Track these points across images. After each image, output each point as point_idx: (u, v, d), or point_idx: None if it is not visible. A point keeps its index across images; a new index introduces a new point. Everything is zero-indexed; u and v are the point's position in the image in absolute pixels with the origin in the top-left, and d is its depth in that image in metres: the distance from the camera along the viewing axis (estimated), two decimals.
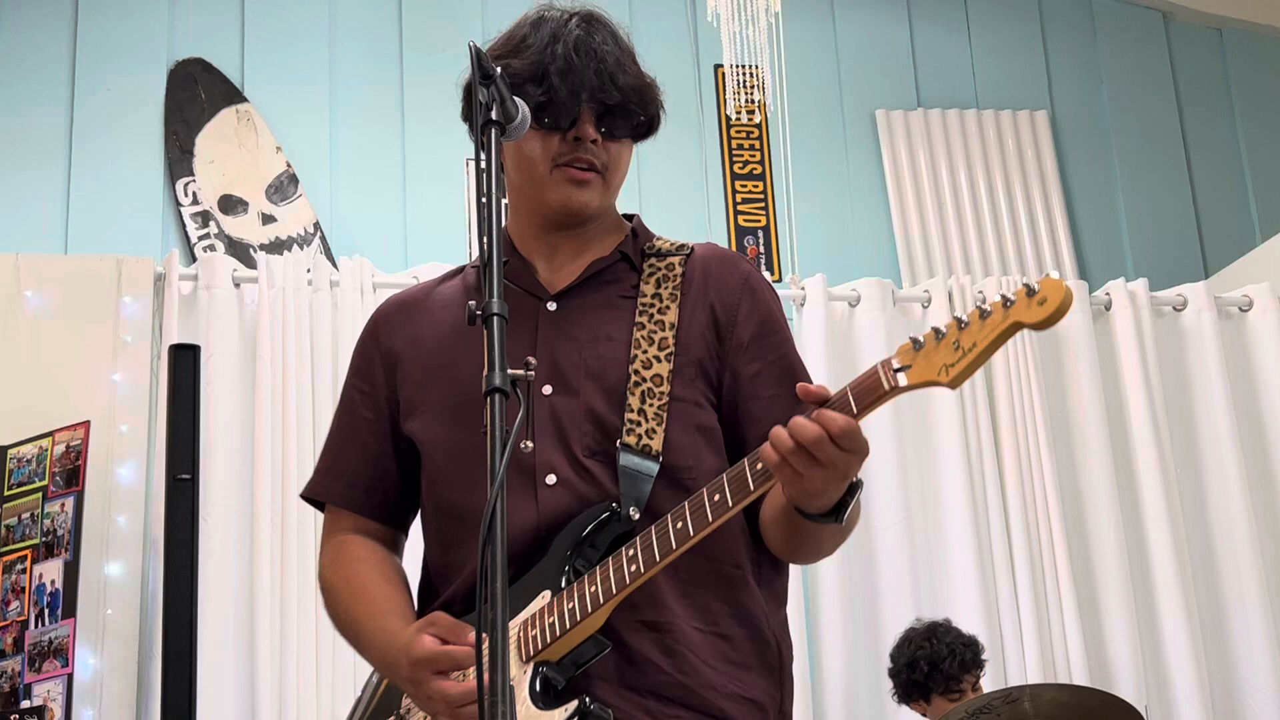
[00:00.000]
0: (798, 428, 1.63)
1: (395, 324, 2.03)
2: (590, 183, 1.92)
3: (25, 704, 3.97)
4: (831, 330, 5.14)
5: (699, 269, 1.96)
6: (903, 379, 1.60)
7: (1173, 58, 7.28)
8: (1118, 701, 3.31)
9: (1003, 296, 1.55)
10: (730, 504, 1.69)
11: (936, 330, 1.59)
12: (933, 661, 4.06)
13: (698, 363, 1.89)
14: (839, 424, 1.62)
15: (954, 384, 1.57)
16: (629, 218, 2.06)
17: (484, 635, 1.45)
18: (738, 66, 5.45)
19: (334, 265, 5.01)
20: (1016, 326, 1.54)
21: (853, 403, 1.64)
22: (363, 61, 6.39)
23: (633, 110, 1.94)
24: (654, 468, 1.82)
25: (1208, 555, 5.15)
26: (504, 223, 2.01)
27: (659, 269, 1.95)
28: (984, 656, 4.12)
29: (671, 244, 2.01)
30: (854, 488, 1.72)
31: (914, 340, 1.61)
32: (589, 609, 1.73)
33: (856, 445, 1.63)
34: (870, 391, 1.63)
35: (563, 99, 1.87)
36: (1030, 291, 1.52)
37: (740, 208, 6.54)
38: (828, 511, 1.71)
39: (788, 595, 1.98)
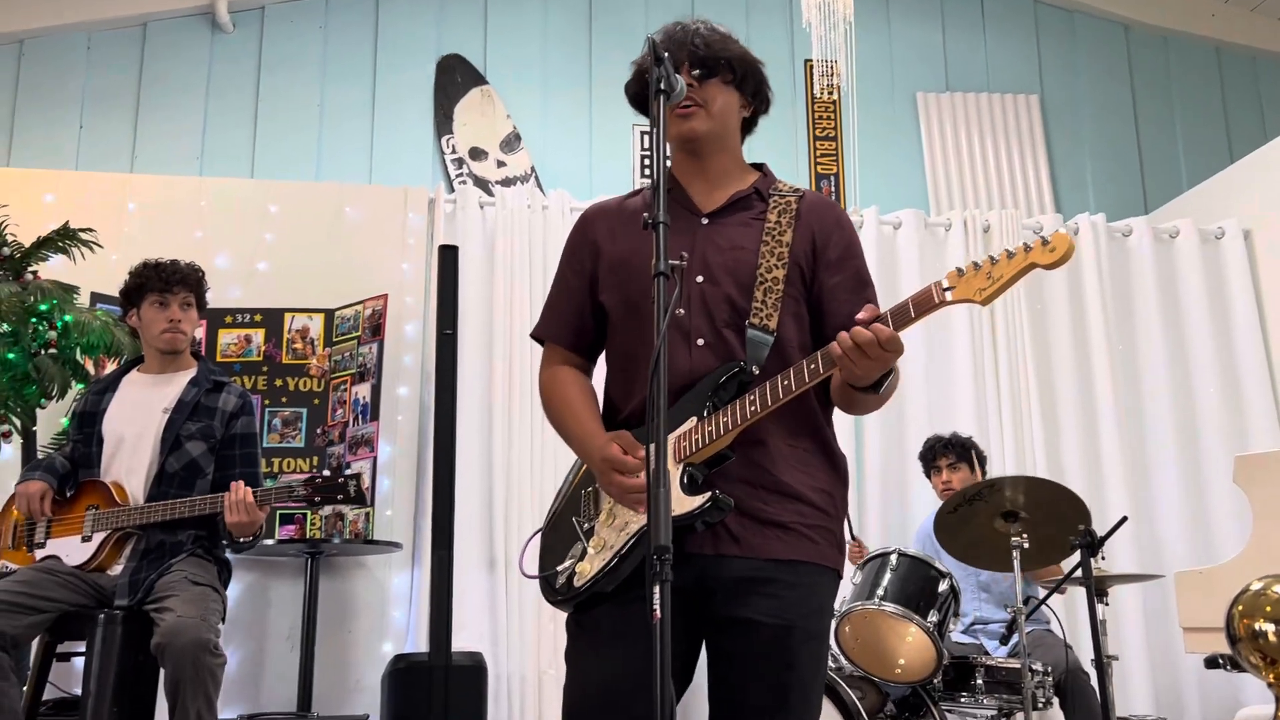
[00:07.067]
0: (858, 334, 1.60)
1: (598, 223, 1.96)
2: (691, 114, 1.83)
3: (348, 472, 4.16)
4: (880, 246, 5.08)
5: (807, 207, 1.90)
6: (949, 295, 1.59)
7: (1130, 58, 7.02)
8: (1066, 491, 3.33)
9: (1024, 244, 1.55)
10: (821, 371, 1.66)
11: (975, 263, 1.58)
12: (923, 453, 4.17)
13: (800, 269, 1.84)
14: (886, 334, 1.59)
15: (985, 302, 1.58)
16: (759, 167, 2.00)
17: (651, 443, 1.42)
18: (820, 60, 5.38)
19: (544, 195, 5.04)
20: (1033, 265, 1.54)
21: (889, 319, 1.60)
22: (565, 58, 6.39)
23: (712, 57, 1.83)
24: (770, 339, 1.78)
25: (1136, 401, 5.07)
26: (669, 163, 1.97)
27: (780, 204, 1.89)
28: (956, 448, 4.06)
29: (790, 187, 1.95)
30: (890, 371, 1.71)
31: (959, 270, 1.59)
32: (721, 432, 1.71)
33: (896, 348, 1.62)
34: (926, 302, 1.60)
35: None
36: (1045, 242, 1.53)
37: (819, 159, 6.48)
38: (870, 386, 1.71)
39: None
